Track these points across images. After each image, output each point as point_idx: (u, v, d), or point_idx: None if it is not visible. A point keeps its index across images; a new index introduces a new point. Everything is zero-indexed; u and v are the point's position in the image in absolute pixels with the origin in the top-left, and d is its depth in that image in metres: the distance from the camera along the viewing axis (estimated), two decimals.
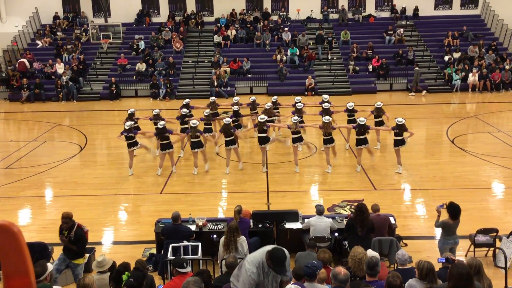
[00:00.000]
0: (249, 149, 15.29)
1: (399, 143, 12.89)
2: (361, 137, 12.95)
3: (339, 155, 14.17)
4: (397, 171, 13.10)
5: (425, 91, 23.63)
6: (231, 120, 13.76)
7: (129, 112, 14.74)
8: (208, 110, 14.99)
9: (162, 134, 13.05)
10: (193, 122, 13.23)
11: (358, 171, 13.19)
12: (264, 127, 13.25)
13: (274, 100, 16.19)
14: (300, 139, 13.32)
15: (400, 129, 12.74)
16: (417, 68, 23.87)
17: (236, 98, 16.63)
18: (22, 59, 25.38)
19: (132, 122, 13.48)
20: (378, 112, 14.60)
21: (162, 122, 13.27)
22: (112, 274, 6.38)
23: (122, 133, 13.16)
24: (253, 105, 16.12)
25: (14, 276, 3.49)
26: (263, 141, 13.30)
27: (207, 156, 13.75)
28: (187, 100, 15.95)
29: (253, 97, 16.60)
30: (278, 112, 16.14)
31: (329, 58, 25.95)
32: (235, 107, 15.13)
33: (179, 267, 6.30)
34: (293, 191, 12.25)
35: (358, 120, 13.20)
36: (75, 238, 7.71)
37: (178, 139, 13.99)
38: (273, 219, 9.04)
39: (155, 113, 14.60)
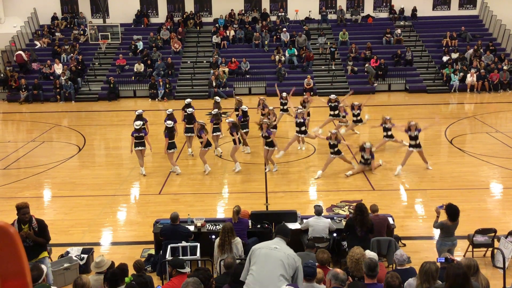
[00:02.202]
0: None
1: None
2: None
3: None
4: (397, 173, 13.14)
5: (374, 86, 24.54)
6: (232, 120, 13.81)
7: (137, 113, 14.69)
8: (216, 110, 15.10)
9: (171, 133, 13.24)
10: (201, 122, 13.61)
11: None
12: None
13: (284, 95, 16.80)
14: (304, 132, 14.01)
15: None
16: (367, 65, 24.53)
17: (238, 97, 16.69)
18: (19, 52, 25.48)
19: (141, 122, 13.52)
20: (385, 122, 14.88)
21: (170, 122, 13.44)
22: (107, 275, 6.33)
23: (133, 134, 13.23)
24: (262, 105, 16.46)
25: (11, 277, 3.49)
26: (269, 143, 13.21)
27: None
28: (188, 99, 15.98)
29: (262, 97, 17.09)
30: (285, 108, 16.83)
31: (332, 68, 25.47)
32: (244, 107, 15.29)
33: (180, 267, 6.28)
34: (291, 191, 12.25)
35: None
36: (39, 228, 6.91)
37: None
38: (272, 219, 9.04)
39: (168, 113, 14.73)
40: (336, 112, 16.19)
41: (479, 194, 11.78)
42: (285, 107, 16.77)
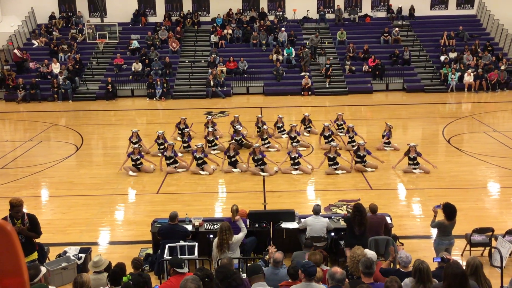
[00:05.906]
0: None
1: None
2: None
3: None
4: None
5: (307, 74, 24.48)
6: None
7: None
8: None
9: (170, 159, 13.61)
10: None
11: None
12: None
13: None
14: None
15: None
16: (306, 50, 25.13)
17: (239, 127, 15.70)
18: (15, 50, 25.51)
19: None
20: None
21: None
22: (109, 275, 6.35)
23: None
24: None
25: (8, 275, 3.49)
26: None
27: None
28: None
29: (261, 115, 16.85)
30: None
31: (326, 86, 24.33)
32: (239, 127, 15.63)
33: (177, 267, 6.27)
34: (289, 190, 12.25)
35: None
36: (31, 223, 7.10)
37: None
38: (270, 219, 9.04)
39: (159, 133, 14.89)
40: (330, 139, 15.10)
41: (477, 194, 11.79)
42: None
